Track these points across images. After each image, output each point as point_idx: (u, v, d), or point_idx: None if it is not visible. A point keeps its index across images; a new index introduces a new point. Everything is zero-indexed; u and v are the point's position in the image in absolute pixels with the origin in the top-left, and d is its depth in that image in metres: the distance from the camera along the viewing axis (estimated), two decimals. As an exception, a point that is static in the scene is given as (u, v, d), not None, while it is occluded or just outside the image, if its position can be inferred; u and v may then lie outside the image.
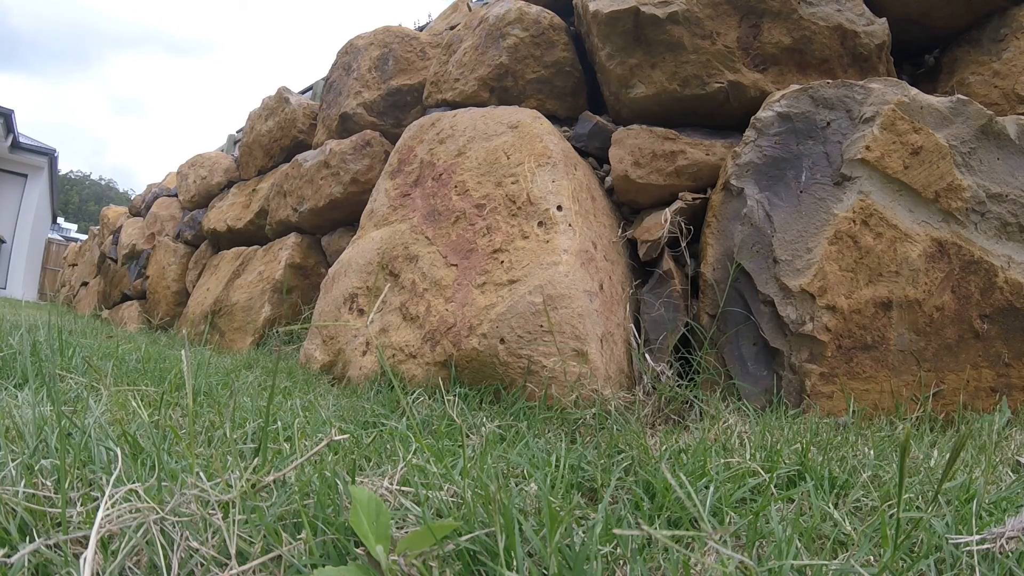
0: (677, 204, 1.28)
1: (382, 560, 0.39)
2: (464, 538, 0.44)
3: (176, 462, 0.58)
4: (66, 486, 0.46)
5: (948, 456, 0.59)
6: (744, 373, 1.11)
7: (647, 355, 1.16)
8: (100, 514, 0.41)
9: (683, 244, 1.26)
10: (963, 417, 1.05)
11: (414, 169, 1.42)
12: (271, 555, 0.42)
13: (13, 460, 0.50)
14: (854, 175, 1.09)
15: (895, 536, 0.46)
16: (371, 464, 0.66)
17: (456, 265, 1.20)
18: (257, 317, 2.21)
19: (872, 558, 0.50)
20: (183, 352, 0.56)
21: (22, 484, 0.47)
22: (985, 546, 0.49)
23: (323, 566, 0.40)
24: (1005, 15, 1.35)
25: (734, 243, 1.16)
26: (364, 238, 1.46)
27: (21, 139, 8.50)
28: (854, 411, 1.02)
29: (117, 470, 0.48)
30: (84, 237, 7.19)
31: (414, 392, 1.05)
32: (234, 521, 0.44)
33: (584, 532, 0.50)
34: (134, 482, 0.47)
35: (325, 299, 1.47)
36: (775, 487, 0.63)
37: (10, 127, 7.91)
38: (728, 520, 0.54)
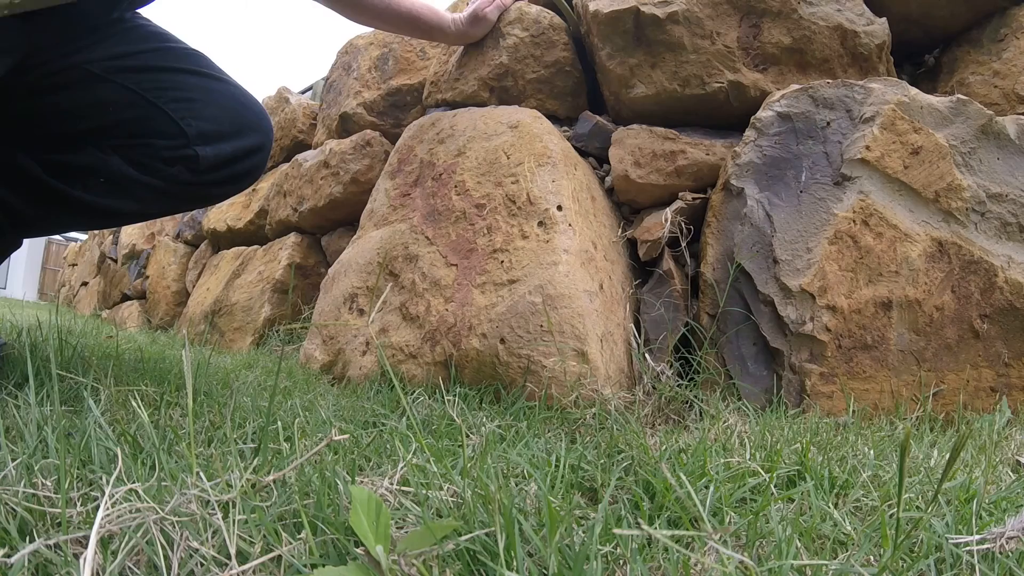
0: (677, 204, 1.28)
1: (382, 560, 0.39)
2: (464, 538, 0.44)
3: (176, 462, 0.58)
4: (66, 486, 0.46)
5: (948, 456, 0.59)
6: (744, 373, 1.11)
7: (647, 355, 1.16)
8: (100, 514, 0.41)
9: (683, 244, 1.26)
10: (963, 417, 1.05)
11: (414, 169, 1.42)
12: (271, 555, 0.42)
13: (13, 460, 0.50)
14: (854, 175, 1.09)
15: (895, 536, 0.46)
16: (371, 464, 0.66)
17: (456, 265, 1.20)
18: (257, 317, 2.21)
19: (872, 558, 0.50)
20: (183, 352, 0.56)
21: (22, 484, 0.47)
22: (985, 546, 0.49)
23: (323, 566, 0.40)
24: (1005, 15, 1.35)
25: (734, 243, 1.16)
26: (364, 238, 1.46)
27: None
28: (854, 411, 1.02)
29: (117, 470, 0.48)
30: (84, 237, 7.19)
31: (414, 392, 1.05)
32: (234, 521, 0.44)
33: (584, 532, 0.50)
34: (134, 482, 0.47)
35: (325, 299, 1.47)
36: (775, 487, 0.63)
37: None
38: (728, 520, 0.54)
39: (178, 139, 0.94)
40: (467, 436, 0.79)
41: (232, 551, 0.41)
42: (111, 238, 4.76)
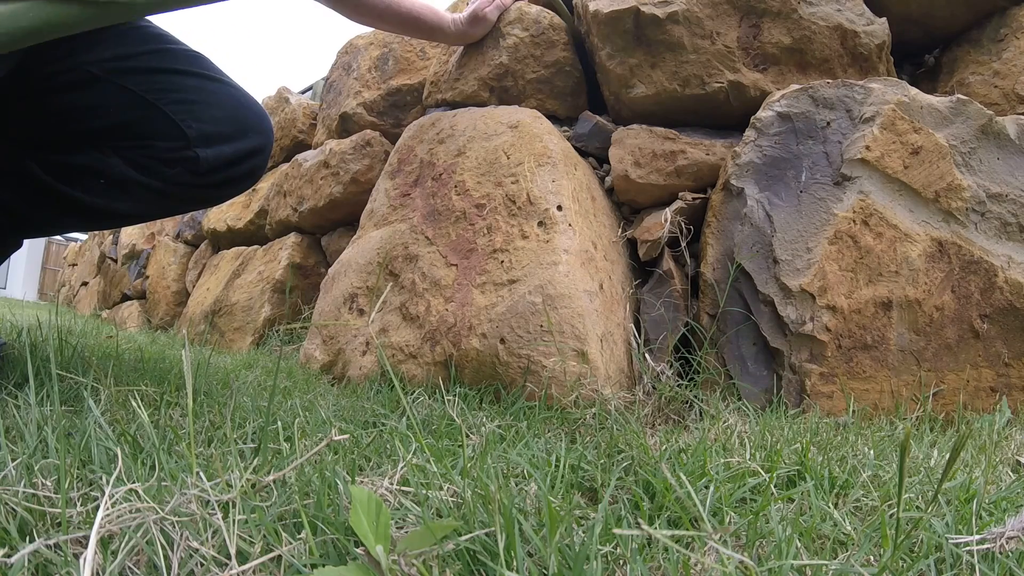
0: (677, 204, 1.28)
1: (382, 560, 0.39)
2: (464, 538, 0.44)
3: (176, 462, 0.58)
4: (66, 486, 0.46)
5: (948, 456, 0.59)
6: (744, 373, 1.11)
7: (647, 355, 1.16)
8: (100, 514, 0.41)
9: (683, 244, 1.26)
10: (963, 417, 1.05)
11: (414, 169, 1.42)
12: (271, 555, 0.42)
13: (13, 460, 0.50)
14: (854, 175, 1.09)
15: (895, 536, 0.46)
16: (371, 464, 0.66)
17: (456, 265, 1.20)
18: (257, 317, 2.21)
19: (872, 558, 0.50)
20: (183, 352, 0.56)
21: (22, 484, 0.47)
22: (985, 546, 0.49)
23: (323, 566, 0.40)
24: (1005, 15, 1.35)
25: (734, 243, 1.16)
26: (364, 238, 1.46)
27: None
28: (854, 411, 1.02)
29: (117, 470, 0.48)
30: (84, 237, 7.20)
31: (414, 392, 1.05)
32: (234, 521, 0.44)
33: (584, 532, 0.50)
34: (134, 482, 0.47)
35: (325, 299, 1.47)
36: (775, 487, 0.63)
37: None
38: (728, 520, 0.54)
39: (178, 141, 0.94)
40: (467, 436, 0.79)
41: (232, 551, 0.42)
42: (111, 238, 4.76)
